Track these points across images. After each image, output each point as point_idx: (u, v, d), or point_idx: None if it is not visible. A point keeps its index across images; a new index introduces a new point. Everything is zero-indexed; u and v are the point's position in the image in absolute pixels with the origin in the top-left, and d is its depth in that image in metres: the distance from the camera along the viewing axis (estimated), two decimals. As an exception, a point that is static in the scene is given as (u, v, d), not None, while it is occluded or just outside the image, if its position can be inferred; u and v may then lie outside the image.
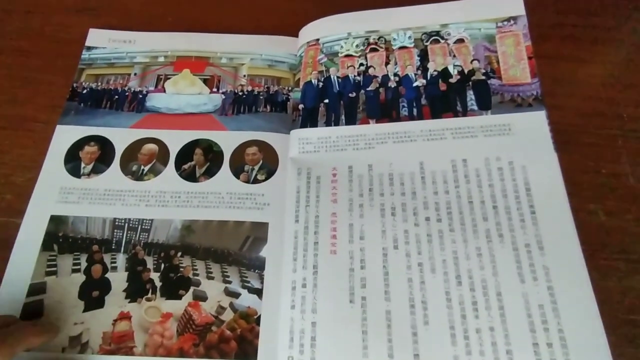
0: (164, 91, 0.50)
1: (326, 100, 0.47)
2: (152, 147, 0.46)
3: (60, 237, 0.41)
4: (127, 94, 0.50)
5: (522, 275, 0.35)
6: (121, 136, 0.47)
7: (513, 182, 0.39)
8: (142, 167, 0.45)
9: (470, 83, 0.45)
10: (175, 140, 0.46)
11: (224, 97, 0.50)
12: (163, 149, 0.46)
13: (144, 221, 0.42)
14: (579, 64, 0.47)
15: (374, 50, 0.49)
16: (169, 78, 0.51)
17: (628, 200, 0.40)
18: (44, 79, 0.50)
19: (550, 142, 0.40)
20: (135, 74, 0.51)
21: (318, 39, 0.50)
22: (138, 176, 0.44)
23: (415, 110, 0.45)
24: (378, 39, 0.49)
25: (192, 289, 0.39)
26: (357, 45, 0.49)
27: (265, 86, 0.50)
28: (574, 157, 0.42)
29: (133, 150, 0.46)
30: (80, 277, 0.40)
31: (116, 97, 0.50)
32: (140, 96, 0.50)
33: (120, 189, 0.43)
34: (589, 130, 0.44)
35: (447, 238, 0.38)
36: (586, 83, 0.46)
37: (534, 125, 0.42)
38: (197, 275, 0.40)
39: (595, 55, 0.48)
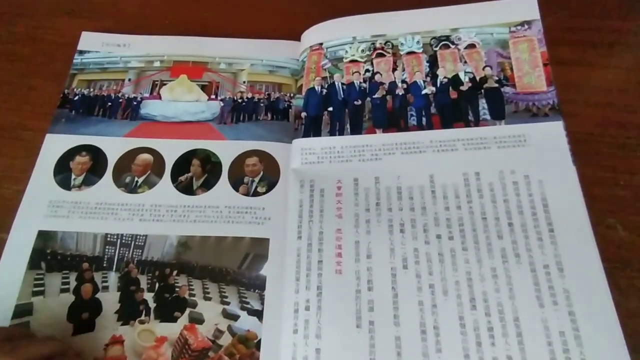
0: (160, 98, 0.48)
1: (330, 108, 0.45)
2: (147, 157, 0.44)
3: (49, 254, 0.39)
4: (120, 100, 0.47)
5: (541, 299, 0.33)
6: (114, 146, 0.44)
7: (529, 198, 0.37)
8: (136, 178, 0.43)
9: (483, 91, 0.43)
10: (171, 150, 0.44)
11: (222, 104, 0.47)
12: (158, 159, 0.43)
13: (138, 237, 0.40)
14: (595, 69, 0.45)
15: (380, 55, 0.46)
16: (165, 84, 0.48)
17: (648, 215, 0.38)
18: (34, 84, 0.48)
19: (568, 155, 0.38)
20: (129, 80, 0.49)
21: (321, 44, 0.48)
22: (131, 188, 0.42)
23: (424, 119, 0.43)
24: (385, 43, 0.47)
25: (188, 310, 0.37)
26: (362, 50, 0.47)
27: (266, 93, 0.48)
28: (591, 168, 0.40)
29: (126, 160, 0.43)
30: (69, 298, 0.37)
31: (109, 104, 0.47)
32: (135, 103, 0.47)
33: (113, 202, 0.41)
34: (605, 140, 0.41)
35: (460, 257, 0.35)
36: (602, 89, 0.44)
37: (551, 136, 0.39)
38: (194, 295, 0.38)
39: (612, 59, 0.46)
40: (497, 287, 0.34)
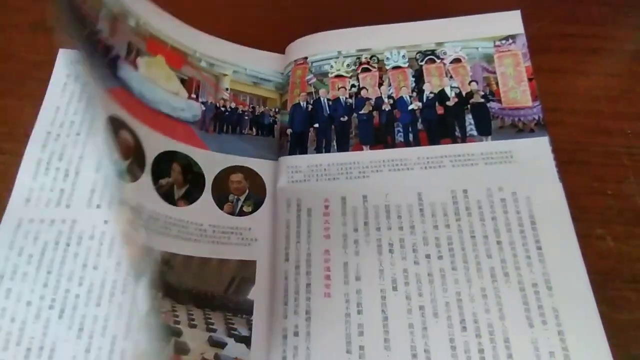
0: (136, 68, 0.40)
1: (316, 125, 0.44)
2: (128, 137, 0.37)
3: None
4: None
5: (531, 319, 0.33)
6: None
7: (517, 215, 0.37)
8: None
9: (469, 106, 0.42)
10: (151, 141, 0.39)
11: (204, 108, 0.45)
12: (138, 146, 0.38)
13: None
14: (579, 77, 0.45)
15: (366, 70, 0.46)
16: (143, 55, 0.42)
17: (637, 223, 0.38)
18: (8, 105, 0.46)
19: (554, 171, 0.38)
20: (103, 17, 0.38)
21: (306, 57, 0.47)
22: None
23: (411, 135, 0.42)
24: (370, 58, 0.46)
25: (172, 339, 0.36)
26: (348, 65, 0.46)
27: (251, 106, 0.47)
28: (578, 178, 0.40)
29: None
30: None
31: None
32: (113, 55, 0.38)
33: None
34: (592, 148, 0.41)
35: (450, 277, 0.35)
36: (587, 97, 0.44)
37: (537, 152, 0.39)
38: (178, 323, 0.36)
39: (596, 66, 0.46)
40: (487, 307, 0.34)
